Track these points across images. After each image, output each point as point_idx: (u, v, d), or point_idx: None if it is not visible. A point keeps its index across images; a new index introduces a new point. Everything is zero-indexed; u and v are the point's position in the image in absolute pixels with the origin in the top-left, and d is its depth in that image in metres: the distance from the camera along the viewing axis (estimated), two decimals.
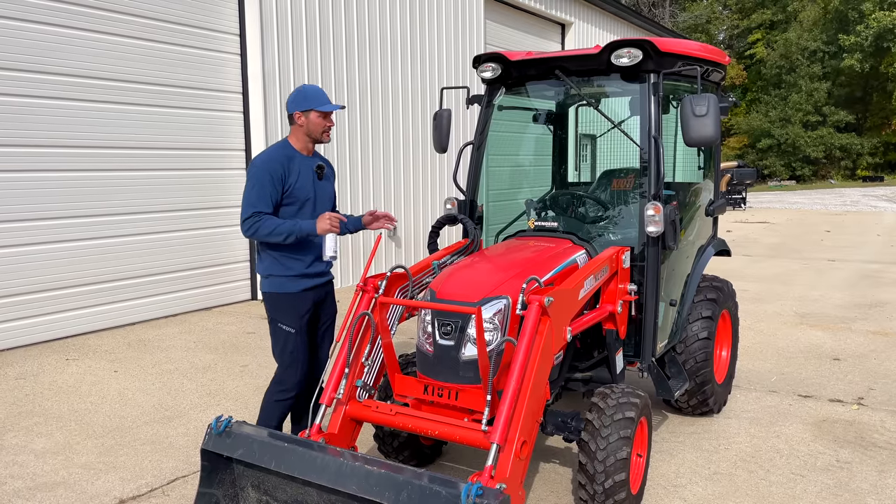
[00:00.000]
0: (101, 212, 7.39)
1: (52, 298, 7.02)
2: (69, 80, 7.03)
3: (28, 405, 5.22)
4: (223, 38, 8.51)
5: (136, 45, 7.58)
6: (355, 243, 10.08)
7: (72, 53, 7.03)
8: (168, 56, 7.90)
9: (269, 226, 3.61)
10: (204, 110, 8.32)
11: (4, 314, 6.68)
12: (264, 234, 3.62)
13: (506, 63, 4.32)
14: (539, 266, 3.63)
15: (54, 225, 7.01)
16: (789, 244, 14.72)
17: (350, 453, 2.84)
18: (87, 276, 7.30)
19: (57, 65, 6.92)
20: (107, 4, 7.28)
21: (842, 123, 44.55)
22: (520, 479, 2.82)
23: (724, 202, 5.04)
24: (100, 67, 7.26)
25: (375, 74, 10.41)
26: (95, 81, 7.24)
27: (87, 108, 7.20)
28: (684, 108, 3.64)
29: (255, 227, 3.61)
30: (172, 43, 7.94)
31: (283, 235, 3.61)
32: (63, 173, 7.06)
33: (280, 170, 3.66)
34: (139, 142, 7.68)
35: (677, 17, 49.87)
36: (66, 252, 7.12)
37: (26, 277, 6.82)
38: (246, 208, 3.64)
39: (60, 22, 6.92)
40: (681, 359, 4.54)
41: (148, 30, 7.68)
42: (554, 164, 5.43)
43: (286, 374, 3.79)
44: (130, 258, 7.68)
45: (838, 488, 3.87)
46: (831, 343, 6.84)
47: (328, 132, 3.80)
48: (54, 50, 6.88)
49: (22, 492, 3.87)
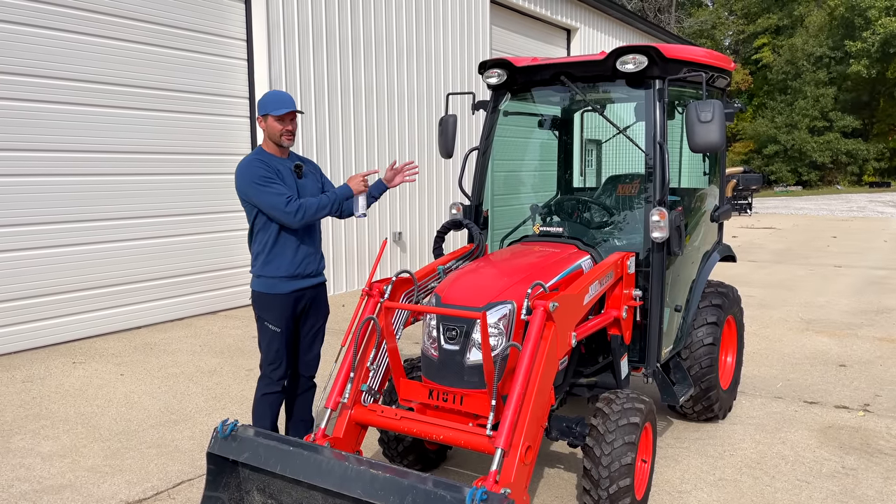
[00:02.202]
0: (108, 216, 7.43)
1: (59, 302, 7.05)
2: (77, 84, 7.08)
3: (35, 408, 5.25)
4: (230, 43, 8.56)
5: (143, 50, 7.63)
6: (361, 248, 10.11)
7: (80, 59, 7.08)
8: (175, 61, 7.95)
9: (312, 204, 3.73)
10: (211, 115, 8.36)
11: (12, 317, 6.72)
12: (312, 212, 3.73)
13: (511, 69, 4.34)
14: (544, 271, 3.63)
15: (62, 229, 7.05)
16: (795, 250, 14.68)
17: (355, 457, 2.84)
18: (94, 280, 7.34)
19: (66, 70, 6.97)
20: (115, 10, 7.34)
21: (848, 129, 44.40)
22: (524, 484, 2.83)
23: (729, 208, 5.04)
24: (107, 72, 7.31)
25: (381, 80, 10.44)
26: (103, 86, 7.29)
27: (94, 113, 7.25)
28: (689, 113, 3.65)
29: (300, 210, 3.68)
30: (180, 48, 7.99)
31: (327, 207, 3.79)
32: (70, 177, 7.10)
33: (265, 168, 3.72)
34: (146, 146, 7.72)
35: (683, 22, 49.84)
36: (73, 256, 7.16)
37: (34, 281, 6.86)
38: (276, 200, 3.65)
39: (70, 28, 6.97)
40: (686, 364, 4.53)
41: (156, 35, 7.73)
42: (559, 170, 5.44)
43: (270, 370, 3.89)
44: (137, 262, 7.71)
45: (844, 495, 3.86)
46: (837, 349, 6.81)
47: (288, 136, 3.82)
48: (64, 55, 6.94)
49: (28, 494, 3.89)
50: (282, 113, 3.75)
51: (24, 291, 6.80)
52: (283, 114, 3.75)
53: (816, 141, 43.78)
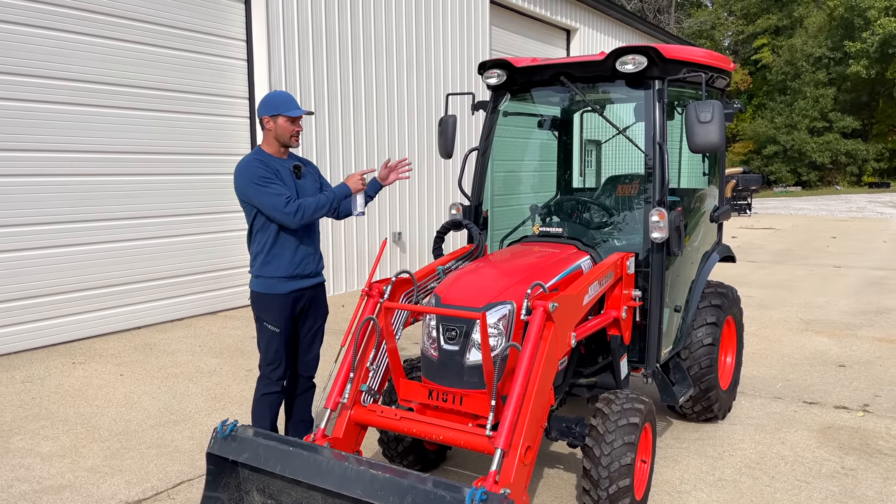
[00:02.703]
0: (107, 216, 7.43)
1: (58, 302, 7.05)
2: (77, 85, 7.07)
3: (34, 408, 5.25)
4: (230, 43, 8.56)
5: (142, 50, 7.62)
6: (360, 248, 10.11)
7: (80, 59, 7.08)
8: (175, 61, 7.95)
9: (311, 204, 3.73)
10: (211, 115, 8.36)
11: (12, 317, 6.71)
12: (311, 212, 3.74)
13: (511, 69, 4.34)
14: (544, 271, 3.64)
15: (61, 229, 7.05)
16: (795, 250, 14.68)
17: (355, 458, 2.85)
18: (94, 280, 7.34)
19: (63, 70, 6.96)
20: (115, 10, 7.34)
21: (848, 129, 44.44)
22: (524, 485, 2.83)
23: (728, 208, 5.05)
24: (107, 73, 7.31)
25: (381, 80, 10.44)
26: (102, 86, 7.28)
27: (94, 113, 7.24)
28: (689, 114, 3.65)
29: (300, 210, 3.68)
30: (179, 48, 7.99)
31: (326, 206, 3.79)
32: (70, 178, 7.10)
33: (265, 168, 3.72)
34: (146, 146, 7.72)
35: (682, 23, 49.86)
36: (73, 256, 7.16)
37: (34, 281, 6.86)
38: (275, 200, 3.65)
39: (70, 28, 6.97)
40: (685, 365, 4.54)
41: (155, 35, 7.73)
42: (559, 170, 5.44)
43: (269, 371, 3.89)
44: (137, 262, 7.71)
45: (843, 495, 3.86)
46: (837, 350, 6.82)
47: (296, 137, 3.85)
48: (61, 55, 6.93)
49: (28, 495, 3.89)
50: (297, 115, 3.77)
51: (24, 291, 6.80)
52: (297, 115, 3.77)
53: (816, 141, 43.82)
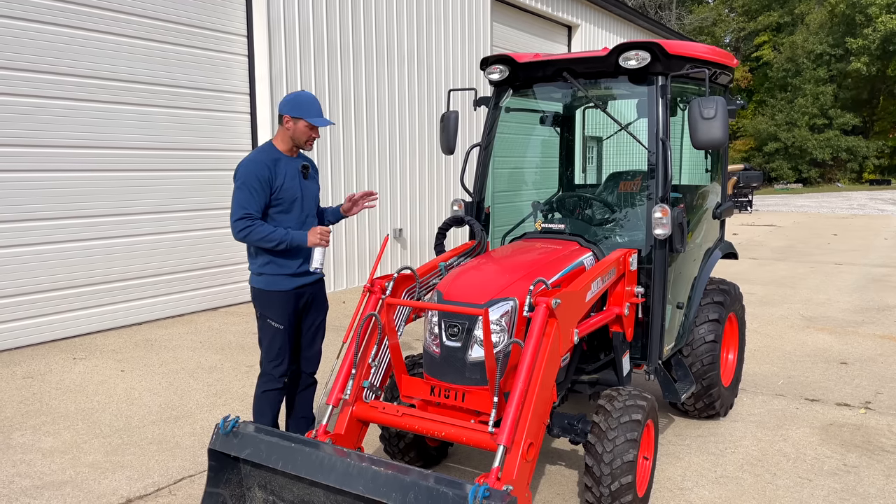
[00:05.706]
0: (108, 212, 7.42)
1: (59, 298, 7.04)
2: (76, 80, 7.05)
3: (35, 404, 5.24)
4: (231, 39, 8.53)
5: (143, 45, 7.60)
6: (362, 245, 10.10)
7: (79, 54, 7.06)
8: (175, 57, 7.93)
9: (261, 231, 3.66)
10: (211, 111, 8.34)
11: (12, 313, 6.71)
12: (255, 238, 3.68)
13: (513, 65, 4.33)
14: (546, 268, 3.63)
15: (61, 225, 7.04)
16: (796, 247, 14.67)
17: (356, 454, 2.84)
18: (95, 276, 7.33)
19: (64, 65, 6.95)
20: (114, 5, 7.31)
21: (848, 126, 44.40)
22: (526, 481, 2.82)
23: (731, 205, 5.04)
24: (106, 68, 7.29)
25: (383, 76, 10.42)
26: (102, 82, 7.27)
27: (94, 109, 7.23)
28: (692, 110, 3.64)
29: (247, 230, 3.65)
30: (180, 44, 7.97)
31: (274, 242, 3.69)
32: (70, 173, 7.09)
33: (267, 173, 3.70)
34: (146, 142, 7.70)
35: (683, 19, 49.78)
36: (73, 252, 7.15)
37: (34, 277, 6.85)
38: (236, 210, 3.68)
39: (68, 23, 6.95)
40: (687, 361, 4.53)
41: (155, 31, 7.71)
42: (561, 166, 5.43)
43: (272, 367, 3.88)
44: (137, 258, 7.70)
45: (845, 492, 3.86)
46: (838, 347, 6.81)
47: (311, 142, 3.85)
48: (62, 50, 6.91)
49: (29, 490, 3.89)
50: (320, 125, 3.77)
51: (25, 287, 6.79)
52: (320, 126, 3.77)
53: (817, 138, 43.78)
